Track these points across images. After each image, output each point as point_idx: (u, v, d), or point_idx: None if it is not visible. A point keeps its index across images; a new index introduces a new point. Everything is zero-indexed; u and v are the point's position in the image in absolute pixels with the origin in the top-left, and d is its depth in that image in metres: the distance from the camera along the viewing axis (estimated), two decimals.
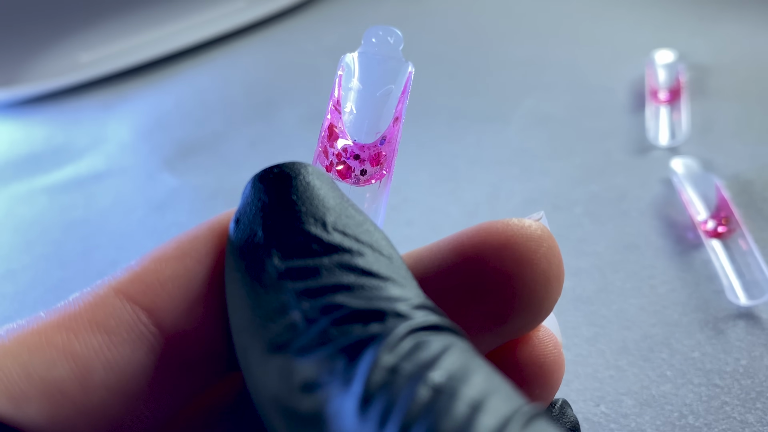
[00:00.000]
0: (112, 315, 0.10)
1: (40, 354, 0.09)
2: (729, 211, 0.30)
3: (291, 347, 0.09)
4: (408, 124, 0.46)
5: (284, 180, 0.10)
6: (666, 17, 0.50)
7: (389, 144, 0.14)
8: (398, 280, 0.09)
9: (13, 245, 0.35)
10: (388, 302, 0.09)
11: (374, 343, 0.08)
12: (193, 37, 0.53)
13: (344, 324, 0.09)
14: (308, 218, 0.10)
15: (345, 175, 0.14)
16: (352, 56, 0.15)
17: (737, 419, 0.23)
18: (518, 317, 0.11)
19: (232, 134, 0.42)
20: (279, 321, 0.09)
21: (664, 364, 0.25)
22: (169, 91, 0.48)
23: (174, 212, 0.36)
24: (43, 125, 0.46)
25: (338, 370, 0.08)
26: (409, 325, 0.09)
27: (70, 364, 0.09)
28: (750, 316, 0.26)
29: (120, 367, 0.10)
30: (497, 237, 0.11)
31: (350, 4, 0.59)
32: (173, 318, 0.10)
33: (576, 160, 0.36)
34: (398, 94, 0.14)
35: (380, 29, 0.15)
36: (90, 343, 0.10)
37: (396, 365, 0.08)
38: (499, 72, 0.46)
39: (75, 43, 0.52)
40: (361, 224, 0.10)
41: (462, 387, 0.08)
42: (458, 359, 0.08)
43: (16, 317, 0.31)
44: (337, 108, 0.14)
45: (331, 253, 0.09)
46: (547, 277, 0.11)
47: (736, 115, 0.38)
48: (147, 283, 0.10)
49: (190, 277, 0.10)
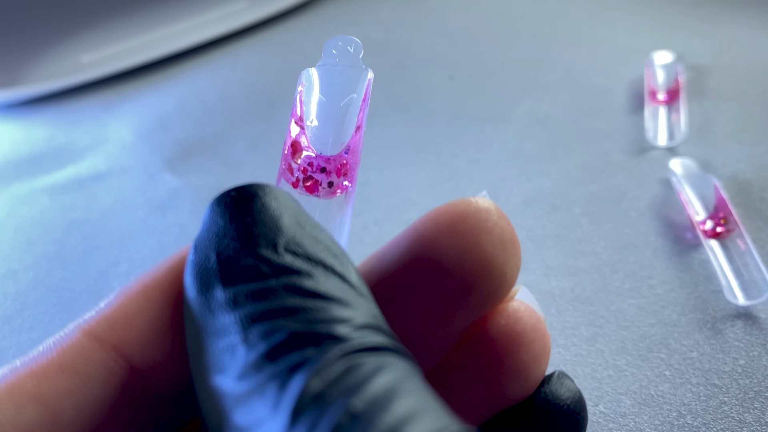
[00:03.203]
0: (81, 355, 0.10)
1: (10, 400, 0.09)
2: (727, 211, 0.30)
3: (228, 373, 0.09)
4: (408, 124, 0.46)
5: (241, 202, 0.10)
6: (664, 18, 0.50)
7: (353, 153, 0.14)
8: (346, 299, 0.09)
9: (15, 245, 0.35)
10: (328, 325, 0.09)
11: (305, 367, 0.08)
12: (194, 39, 0.53)
13: (281, 349, 0.09)
14: (261, 240, 0.10)
15: (313, 189, 0.14)
16: (311, 70, 0.15)
17: (735, 419, 0.23)
18: (483, 285, 0.11)
19: (232, 135, 0.43)
20: (221, 346, 0.09)
21: (663, 364, 0.25)
22: (170, 92, 0.48)
23: (175, 212, 0.36)
24: (44, 126, 0.46)
25: (269, 397, 0.08)
26: (343, 348, 0.09)
27: (40, 407, 0.09)
28: (748, 316, 0.26)
29: (90, 406, 0.10)
30: (448, 215, 0.11)
31: (350, 6, 0.59)
32: (142, 351, 0.10)
33: (575, 161, 0.36)
34: (359, 102, 0.14)
35: (339, 39, 0.15)
36: (59, 386, 0.10)
37: (322, 392, 0.08)
38: (498, 73, 0.46)
39: (76, 44, 0.52)
40: (316, 243, 0.10)
41: (382, 413, 0.08)
42: (387, 382, 0.08)
43: (18, 317, 0.31)
44: (300, 123, 0.14)
45: (279, 275, 0.09)
46: (502, 241, 0.11)
47: (735, 115, 0.38)
48: (113, 320, 0.10)
49: (155, 310, 0.11)
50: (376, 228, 0.33)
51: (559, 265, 0.30)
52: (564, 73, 0.45)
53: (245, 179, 0.38)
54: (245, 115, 0.45)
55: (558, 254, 0.30)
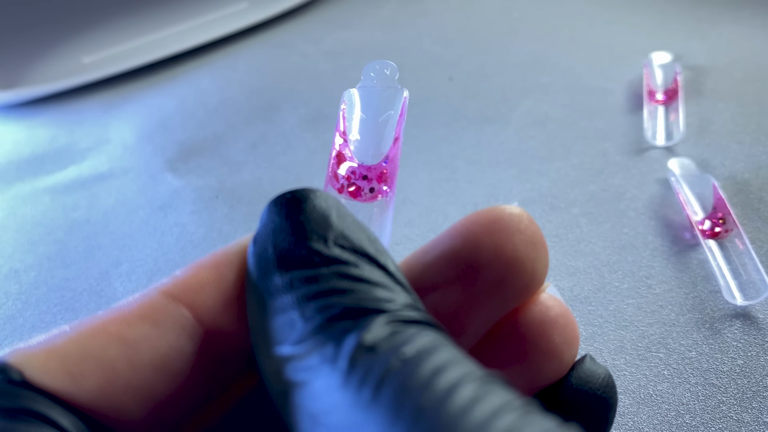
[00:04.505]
0: (158, 310, 0.11)
1: (96, 339, 0.11)
2: (725, 211, 0.30)
3: (288, 340, 0.10)
4: (408, 125, 0.46)
5: (294, 203, 0.12)
6: (663, 19, 0.50)
7: (392, 162, 0.16)
8: (388, 285, 0.11)
9: (17, 245, 0.35)
10: (375, 302, 0.10)
11: (357, 329, 0.10)
12: (195, 40, 0.53)
13: (335, 320, 0.10)
14: (312, 235, 0.11)
15: (356, 194, 0.16)
16: (353, 91, 0.17)
17: (733, 418, 0.23)
18: (516, 278, 0.13)
19: (233, 135, 0.43)
20: (280, 322, 0.11)
21: (661, 364, 0.25)
22: (171, 93, 0.49)
23: (176, 212, 0.36)
24: (46, 126, 0.46)
25: (327, 354, 0.10)
26: (389, 316, 0.10)
27: (122, 347, 0.11)
28: (746, 316, 0.26)
29: (164, 351, 0.11)
30: (486, 217, 0.13)
31: (350, 8, 0.60)
32: (211, 315, 0.12)
33: (574, 161, 0.36)
34: (396, 117, 0.16)
35: (377, 63, 0.17)
36: (139, 331, 0.11)
37: (375, 344, 0.09)
38: (497, 73, 0.46)
39: (78, 45, 0.52)
40: (360, 240, 0.11)
41: (427, 358, 0.09)
42: (429, 341, 0.10)
43: (20, 317, 0.31)
44: (344, 137, 0.16)
45: (330, 264, 0.11)
46: (533, 241, 0.13)
47: (733, 115, 0.38)
48: (188, 286, 0.12)
49: (224, 283, 0.12)
50: None
51: (558, 264, 0.30)
52: (563, 74, 0.45)
53: (246, 180, 0.38)
54: (246, 116, 0.45)
55: (557, 254, 0.30)
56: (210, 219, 0.36)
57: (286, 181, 0.38)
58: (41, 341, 0.11)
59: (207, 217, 0.36)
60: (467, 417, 0.08)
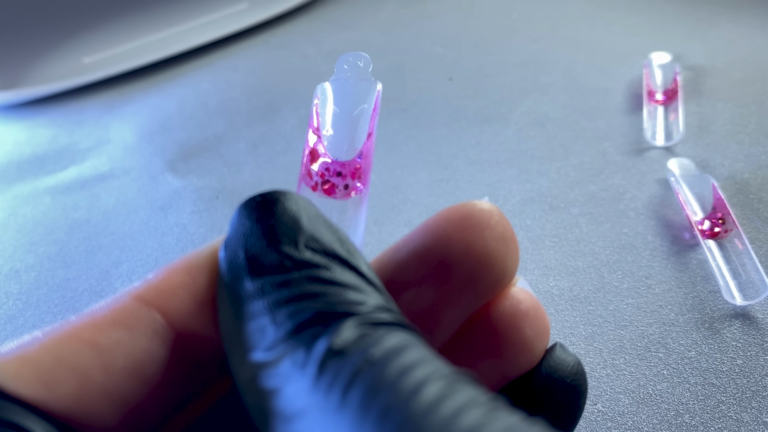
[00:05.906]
0: (131, 314, 0.11)
1: (69, 345, 0.11)
2: (725, 211, 0.30)
3: (260, 346, 0.10)
4: (407, 125, 0.46)
5: (264, 207, 0.12)
6: (663, 20, 0.50)
7: (365, 158, 0.16)
8: (360, 287, 0.11)
9: (18, 245, 0.35)
10: (346, 305, 0.10)
11: (327, 333, 0.10)
12: (195, 40, 0.53)
13: (306, 325, 0.10)
14: (283, 239, 0.11)
15: (330, 191, 0.15)
16: (325, 84, 0.16)
17: (733, 418, 0.23)
18: (487, 274, 0.13)
19: (233, 136, 0.43)
20: (252, 328, 0.11)
21: (661, 363, 0.25)
22: (172, 94, 0.49)
23: (176, 213, 0.36)
24: (46, 127, 0.46)
25: (297, 359, 0.10)
26: (360, 319, 0.10)
27: (95, 352, 0.11)
28: (745, 316, 0.26)
29: (137, 356, 0.11)
30: (457, 213, 0.13)
31: (351, 8, 0.60)
32: (183, 319, 0.12)
33: (573, 161, 0.37)
34: (370, 111, 0.16)
35: (350, 55, 0.16)
36: (112, 337, 0.11)
37: (344, 348, 0.09)
38: (497, 74, 0.46)
39: (78, 46, 0.52)
40: (331, 242, 0.11)
41: (395, 358, 0.09)
42: (398, 341, 0.10)
43: (21, 316, 0.31)
44: (317, 132, 0.16)
45: (301, 268, 0.11)
46: (503, 237, 0.13)
47: (732, 115, 0.38)
48: (160, 290, 0.12)
49: (196, 287, 0.12)
50: (376, 228, 0.33)
51: (557, 264, 0.30)
52: (563, 74, 0.45)
53: (246, 180, 0.38)
54: (246, 117, 0.45)
55: (557, 254, 0.30)
56: (210, 219, 0.36)
57: (286, 182, 0.38)
58: (13, 348, 0.11)
59: (207, 217, 0.36)
60: (433, 414, 0.08)
